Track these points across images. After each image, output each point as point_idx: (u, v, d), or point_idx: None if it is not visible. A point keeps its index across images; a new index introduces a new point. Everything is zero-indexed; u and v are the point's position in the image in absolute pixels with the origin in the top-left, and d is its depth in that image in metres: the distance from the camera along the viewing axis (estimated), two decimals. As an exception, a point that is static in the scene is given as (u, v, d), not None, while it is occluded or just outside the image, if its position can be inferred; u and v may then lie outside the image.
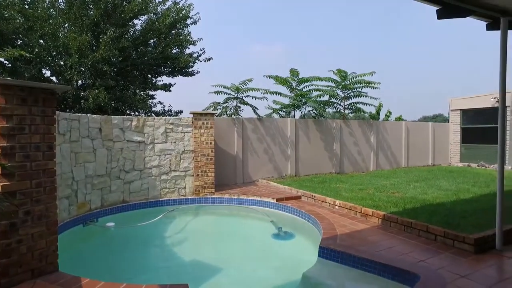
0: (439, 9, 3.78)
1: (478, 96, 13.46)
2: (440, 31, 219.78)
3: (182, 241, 5.87)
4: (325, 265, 4.09)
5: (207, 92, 10.59)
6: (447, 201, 6.36)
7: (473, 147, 13.68)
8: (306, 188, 7.87)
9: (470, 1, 3.68)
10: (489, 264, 3.79)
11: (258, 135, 9.84)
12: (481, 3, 3.77)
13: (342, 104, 12.30)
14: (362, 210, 5.69)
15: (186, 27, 14.05)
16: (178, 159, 7.63)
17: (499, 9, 3.94)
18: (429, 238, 4.54)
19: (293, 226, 6.02)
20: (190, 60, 14.01)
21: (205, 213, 7.47)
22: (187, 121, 7.73)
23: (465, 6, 3.70)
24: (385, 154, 12.57)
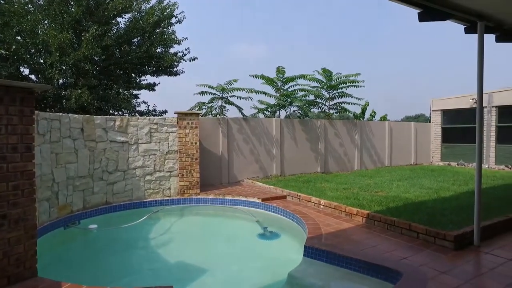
0: (420, 12, 3.87)
1: (457, 97, 13.83)
2: (423, 33, 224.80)
3: (167, 242, 5.81)
4: (311, 264, 4.12)
5: (192, 92, 10.49)
6: (429, 199, 6.50)
7: (453, 147, 14.06)
8: (291, 187, 7.90)
9: (449, 5, 3.78)
10: (468, 259, 3.90)
11: (243, 135, 9.83)
12: (459, 7, 3.87)
13: (327, 104, 12.42)
14: (346, 209, 5.76)
15: (170, 26, 13.92)
16: (162, 160, 7.54)
17: (476, 13, 4.06)
18: (412, 236, 4.63)
19: (278, 226, 6.04)
20: (175, 59, 13.89)
21: (190, 213, 7.41)
22: (172, 121, 7.64)
23: (444, 9, 3.79)
24: (369, 153, 12.77)
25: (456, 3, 3.76)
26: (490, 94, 12.70)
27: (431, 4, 3.72)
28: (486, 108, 12.82)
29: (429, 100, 15.10)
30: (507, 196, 6.72)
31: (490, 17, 4.21)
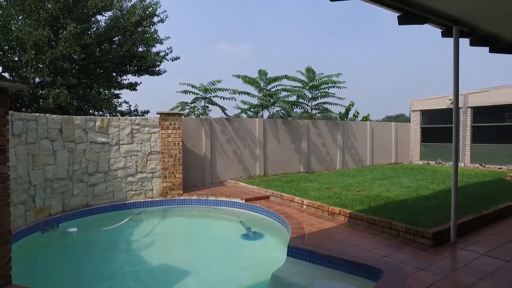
0: (400, 15, 3.97)
1: (435, 97, 14.25)
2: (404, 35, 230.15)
3: (150, 245, 5.73)
4: (294, 264, 4.15)
5: (175, 92, 10.37)
6: (409, 198, 6.67)
7: (432, 146, 14.48)
8: (274, 187, 7.94)
9: (427, 10, 3.89)
10: (445, 256, 4.03)
11: (226, 135, 9.80)
12: (436, 12, 4.00)
13: (309, 105, 12.54)
14: (329, 209, 5.84)
15: (152, 25, 13.71)
16: (144, 161, 7.43)
17: (452, 18, 4.20)
18: (392, 234, 4.74)
19: (262, 226, 6.06)
20: (157, 59, 13.70)
21: (173, 215, 7.33)
22: (154, 121, 7.54)
23: (422, 14, 3.90)
24: (351, 153, 12.98)
25: (433, 8, 3.88)
26: (465, 95, 13.14)
27: (410, 9, 3.82)
28: (462, 109, 13.26)
29: (409, 100, 15.49)
30: (481, 194, 6.97)
31: (465, 23, 4.36)
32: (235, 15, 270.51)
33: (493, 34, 4.90)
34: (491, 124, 12.77)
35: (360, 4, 4.31)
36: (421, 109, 14.80)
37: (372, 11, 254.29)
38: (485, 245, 4.37)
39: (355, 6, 74.57)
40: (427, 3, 3.79)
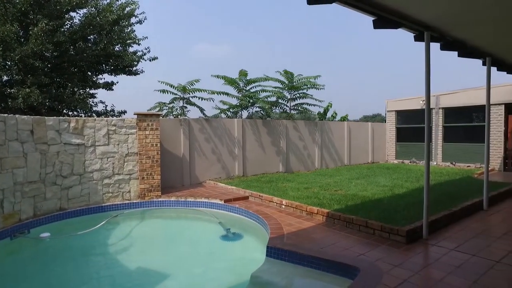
0: (375, 19, 4.10)
1: (409, 98, 14.72)
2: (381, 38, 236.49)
3: (127, 248, 5.62)
4: (273, 264, 4.19)
5: (153, 92, 10.18)
6: (384, 196, 6.87)
7: (406, 145, 14.95)
8: (253, 188, 7.98)
9: (400, 15, 4.05)
10: (418, 252, 4.19)
11: (205, 135, 9.75)
12: (408, 18, 4.16)
13: (288, 105, 12.67)
14: (307, 209, 5.92)
15: (130, 25, 13.44)
16: (121, 162, 7.28)
17: (423, 24, 4.40)
18: (369, 233, 4.87)
19: (241, 227, 6.08)
20: (134, 58, 13.43)
21: (151, 217, 7.22)
22: (131, 122, 7.40)
23: (395, 19, 4.04)
24: (329, 152, 13.21)
25: (406, 14, 4.03)
26: (437, 97, 13.66)
27: (384, 14, 3.96)
28: (434, 110, 13.78)
29: (384, 101, 15.92)
30: (451, 191, 7.28)
31: (435, 29, 4.57)
32: (213, 14, 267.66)
33: (460, 40, 5.15)
34: (461, 124, 13.33)
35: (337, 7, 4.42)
36: (396, 109, 15.24)
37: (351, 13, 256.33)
38: (454, 240, 4.58)
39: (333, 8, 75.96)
40: (400, 9, 3.94)
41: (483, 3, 3.85)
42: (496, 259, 3.93)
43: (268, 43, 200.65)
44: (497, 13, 4.21)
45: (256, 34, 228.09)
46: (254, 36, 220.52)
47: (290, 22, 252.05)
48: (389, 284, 3.29)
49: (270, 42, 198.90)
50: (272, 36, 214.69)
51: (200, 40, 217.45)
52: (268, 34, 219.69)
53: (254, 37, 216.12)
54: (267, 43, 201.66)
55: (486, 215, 5.99)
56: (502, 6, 3.99)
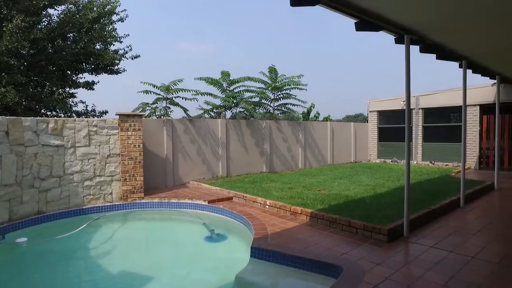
0: (357, 22, 4.19)
1: (391, 99, 15.04)
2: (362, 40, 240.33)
3: (110, 251, 5.52)
4: (258, 265, 4.21)
5: (135, 91, 10.02)
6: (367, 196, 7.00)
7: (388, 145, 15.27)
8: (237, 188, 7.97)
9: (381, 19, 4.14)
10: (398, 250, 4.29)
11: (189, 136, 9.67)
12: (389, 22, 4.27)
13: (272, 105, 12.72)
14: (291, 209, 5.97)
15: (112, 23, 13.16)
16: (103, 164, 7.13)
17: (403, 28, 4.52)
18: (351, 232, 4.95)
19: (225, 228, 6.07)
20: (116, 57, 13.16)
21: (134, 219, 7.11)
22: (113, 122, 7.26)
23: (377, 22, 4.14)
24: (312, 152, 13.34)
25: (387, 18, 4.13)
26: (417, 97, 14.02)
27: (366, 17, 4.04)
28: (414, 110, 14.13)
29: (366, 101, 16.21)
30: (430, 190, 7.49)
31: (415, 32, 4.70)
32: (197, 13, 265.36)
33: (438, 44, 5.32)
34: (439, 124, 13.73)
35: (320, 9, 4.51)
36: (378, 109, 15.55)
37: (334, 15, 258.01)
38: (433, 238, 4.71)
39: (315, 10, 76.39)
40: (381, 13, 4.03)
41: (457, 11, 4.04)
42: (471, 254, 4.08)
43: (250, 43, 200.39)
44: (471, 20, 4.39)
45: (238, 34, 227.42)
46: (236, 36, 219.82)
47: (272, 22, 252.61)
48: (371, 282, 3.36)
49: (252, 42, 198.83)
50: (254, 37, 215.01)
51: (184, 39, 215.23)
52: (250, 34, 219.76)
53: (237, 37, 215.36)
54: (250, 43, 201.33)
55: (462, 212, 6.19)
56: (475, 15, 4.18)
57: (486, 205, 6.88)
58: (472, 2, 3.84)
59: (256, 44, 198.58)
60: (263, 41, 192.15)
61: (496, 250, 4.28)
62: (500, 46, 5.88)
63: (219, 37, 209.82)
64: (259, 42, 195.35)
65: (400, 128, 14.69)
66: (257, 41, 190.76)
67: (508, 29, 4.92)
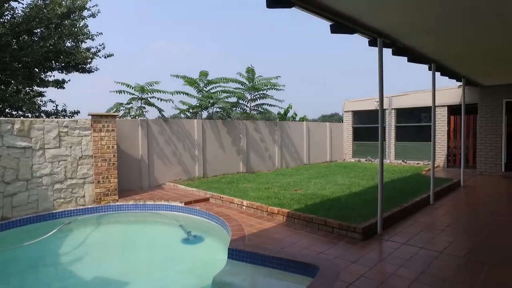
0: (332, 24, 4.27)
1: (365, 99, 15.43)
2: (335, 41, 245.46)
3: (82, 256, 5.33)
4: (235, 266, 4.20)
5: (111, 91, 9.69)
6: (342, 195, 7.15)
7: (362, 144, 15.66)
8: (214, 189, 7.92)
9: (355, 22, 4.24)
10: (372, 248, 4.41)
11: (164, 136, 9.51)
12: (363, 25, 4.38)
13: (249, 105, 12.73)
14: (268, 209, 6.00)
15: (82, 19, 12.70)
16: (75, 166, 6.89)
17: (376, 31, 4.65)
18: (327, 231, 5.04)
19: (202, 229, 6.02)
20: (88, 55, 12.72)
21: (108, 222, 6.92)
22: (85, 123, 7.02)
23: (351, 25, 4.23)
24: (289, 152, 13.47)
25: (361, 21, 4.24)
26: (390, 98, 14.46)
27: (340, 20, 4.13)
28: (387, 110, 14.57)
29: (342, 101, 16.54)
30: (402, 188, 7.76)
31: (387, 36, 4.86)
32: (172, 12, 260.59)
33: (409, 47, 5.52)
34: (411, 124, 14.23)
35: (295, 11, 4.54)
36: (353, 110, 15.91)
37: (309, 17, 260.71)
38: (405, 235, 4.88)
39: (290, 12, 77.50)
40: (355, 17, 4.13)
41: (424, 18, 4.23)
42: (440, 250, 4.26)
43: (226, 43, 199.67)
44: (438, 27, 4.61)
45: (214, 34, 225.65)
46: (213, 36, 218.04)
47: (248, 23, 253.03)
48: (346, 280, 3.43)
49: (228, 42, 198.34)
50: (229, 37, 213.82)
51: (159, 38, 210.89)
52: (226, 34, 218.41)
53: (213, 37, 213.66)
54: (226, 43, 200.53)
55: (432, 209, 6.45)
56: (441, 22, 4.39)
57: (453, 201, 7.20)
58: (437, 11, 4.03)
59: (232, 44, 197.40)
60: (239, 41, 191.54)
61: (462, 245, 4.49)
62: (464, 51, 6.20)
63: (196, 37, 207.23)
64: (235, 42, 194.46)
65: (374, 127, 15.10)
66: (233, 41, 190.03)
67: (470, 36, 5.20)
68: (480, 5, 3.88)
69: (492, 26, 4.64)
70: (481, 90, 11.39)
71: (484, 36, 5.19)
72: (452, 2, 3.80)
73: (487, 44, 5.68)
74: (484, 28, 4.76)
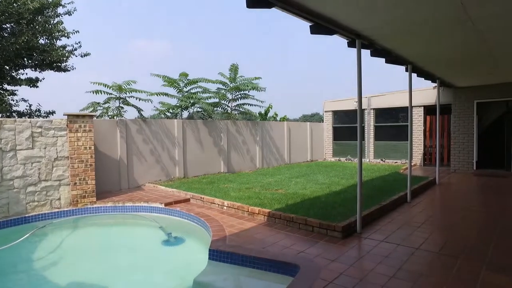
0: (312, 25, 4.31)
1: (344, 99, 15.69)
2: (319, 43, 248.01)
3: (57, 261, 5.15)
4: (216, 267, 4.18)
5: (88, 90, 9.38)
6: (322, 194, 7.23)
7: (342, 144, 15.91)
8: (194, 190, 7.85)
9: (334, 24, 4.29)
10: (352, 246, 4.49)
11: (143, 137, 9.34)
12: (342, 26, 4.44)
13: (230, 105, 12.69)
14: (249, 209, 5.99)
15: (57, 16, 12.28)
16: (49, 167, 6.65)
17: (355, 33, 4.73)
18: (308, 230, 5.09)
19: (183, 231, 5.95)
20: (64, 53, 12.31)
21: (85, 225, 6.72)
22: (61, 123, 6.80)
23: (330, 26, 4.28)
24: (270, 152, 13.52)
25: (340, 23, 4.30)
26: (369, 98, 14.76)
27: (320, 21, 4.17)
28: (366, 110, 14.86)
29: (322, 101, 16.74)
30: (381, 186, 7.93)
31: (365, 37, 4.95)
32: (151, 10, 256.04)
33: (386, 49, 5.65)
34: (389, 124, 14.58)
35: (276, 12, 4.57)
36: (333, 109, 16.14)
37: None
38: (383, 232, 4.99)
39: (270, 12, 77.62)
40: (334, 18, 4.18)
41: (401, 21, 4.34)
42: (416, 246, 4.38)
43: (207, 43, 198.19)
44: (413, 30, 4.74)
45: (193, 33, 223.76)
46: (192, 37, 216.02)
47: (228, 22, 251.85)
48: (326, 279, 3.47)
49: (208, 41, 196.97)
50: (209, 36, 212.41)
51: (138, 37, 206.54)
52: (206, 34, 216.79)
53: (192, 38, 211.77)
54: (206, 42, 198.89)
55: (409, 207, 6.63)
56: (416, 26, 4.52)
57: (429, 199, 7.43)
58: (413, 15, 4.14)
59: (212, 43, 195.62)
60: (219, 41, 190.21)
61: (437, 241, 4.63)
62: (438, 54, 6.41)
63: (174, 36, 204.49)
64: (215, 41, 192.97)
65: (353, 127, 15.37)
66: (213, 40, 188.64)
67: (443, 41, 5.38)
68: (452, 11, 4.02)
69: (463, 32, 4.83)
70: (454, 91, 11.80)
71: (455, 41, 5.40)
72: (427, 8, 3.92)
73: (459, 48, 5.92)
74: (455, 33, 4.94)
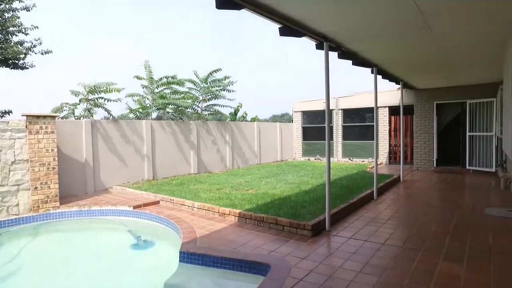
0: (281, 27, 4.38)
1: (313, 100, 16.01)
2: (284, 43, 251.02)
3: (14, 272, 4.84)
4: (187, 270, 4.13)
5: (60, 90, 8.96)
6: (292, 193, 7.35)
7: (312, 144, 16.23)
8: (164, 192, 7.72)
9: (302, 26, 4.39)
10: (321, 244, 4.60)
11: (111, 138, 9.04)
12: (309, 29, 4.55)
13: (200, 106, 12.57)
14: (219, 210, 5.97)
15: (13, 11, 11.59)
16: (6, 171, 6.28)
17: (322, 36, 4.86)
18: (278, 229, 5.15)
19: (153, 233, 5.83)
20: (21, 50, 11.64)
21: (47, 231, 6.40)
22: (18, 124, 6.43)
23: (298, 29, 4.38)
24: (240, 152, 13.53)
25: (307, 26, 4.40)
26: (337, 99, 15.16)
27: (288, 24, 4.25)
28: (334, 111, 15.25)
29: (291, 102, 16.99)
30: (349, 185, 8.19)
31: (332, 40, 5.09)
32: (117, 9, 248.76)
33: (352, 51, 5.85)
34: (356, 124, 15.06)
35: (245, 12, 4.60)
36: (302, 110, 16.42)
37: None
38: (351, 229, 5.16)
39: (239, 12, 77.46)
40: (303, 21, 4.28)
41: (365, 25, 4.52)
42: (382, 241, 4.57)
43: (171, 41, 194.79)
44: (379, 33, 4.95)
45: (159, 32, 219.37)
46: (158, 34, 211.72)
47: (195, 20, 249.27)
48: (297, 277, 3.54)
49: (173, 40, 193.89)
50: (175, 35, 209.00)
51: (103, 35, 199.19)
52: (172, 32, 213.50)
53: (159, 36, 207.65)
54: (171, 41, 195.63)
55: (376, 204, 6.89)
56: (378, 30, 4.73)
57: (394, 196, 7.76)
58: (376, 20, 4.33)
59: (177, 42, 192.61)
60: (185, 40, 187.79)
61: (400, 235, 4.86)
62: (399, 58, 6.74)
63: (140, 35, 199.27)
64: (181, 40, 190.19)
65: (322, 127, 15.71)
66: (178, 39, 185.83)
67: (404, 45, 5.67)
68: (412, 16, 4.23)
69: (421, 37, 5.10)
70: (416, 93, 12.41)
71: (415, 47, 5.70)
72: (388, 13, 4.11)
73: (417, 52, 6.24)
74: (415, 38, 5.21)
